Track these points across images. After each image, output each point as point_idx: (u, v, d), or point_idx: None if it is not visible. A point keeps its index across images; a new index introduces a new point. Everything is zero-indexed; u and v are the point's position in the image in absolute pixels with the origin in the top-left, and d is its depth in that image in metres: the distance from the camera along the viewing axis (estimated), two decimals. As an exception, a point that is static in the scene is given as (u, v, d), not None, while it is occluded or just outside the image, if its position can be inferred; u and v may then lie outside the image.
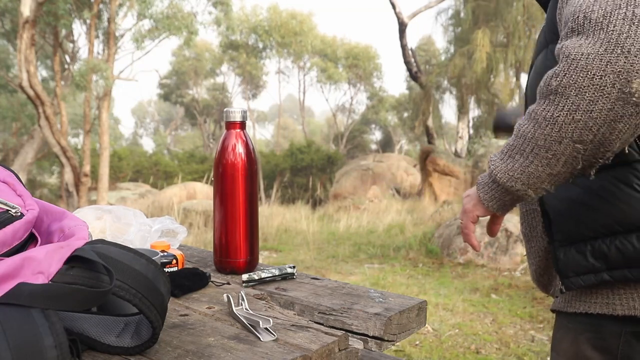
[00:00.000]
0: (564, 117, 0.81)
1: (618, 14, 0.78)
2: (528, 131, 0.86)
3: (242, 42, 25.08)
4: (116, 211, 1.19)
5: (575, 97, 0.79)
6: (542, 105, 0.84)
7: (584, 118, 0.79)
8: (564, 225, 0.99)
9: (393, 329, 0.88)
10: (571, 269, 0.98)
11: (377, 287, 4.21)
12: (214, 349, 0.70)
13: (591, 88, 0.78)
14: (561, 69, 0.81)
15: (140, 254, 0.69)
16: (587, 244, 0.96)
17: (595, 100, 0.78)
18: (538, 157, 0.85)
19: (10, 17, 15.82)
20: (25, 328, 0.55)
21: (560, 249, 1.00)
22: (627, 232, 0.91)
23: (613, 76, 0.76)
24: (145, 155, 24.18)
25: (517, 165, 0.88)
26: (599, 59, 0.77)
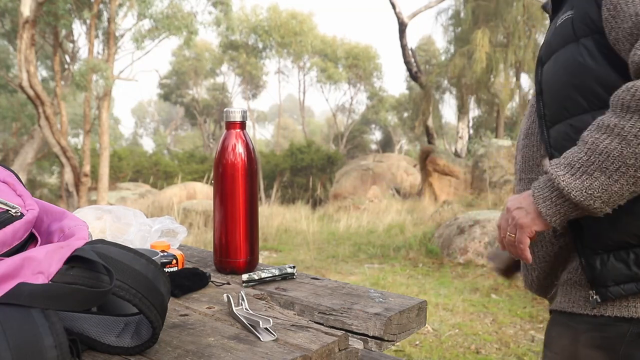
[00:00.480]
0: None
1: None
2: (613, 148, 0.82)
3: (242, 42, 25.08)
4: (116, 211, 1.19)
5: None
6: (631, 121, 0.80)
7: None
8: (602, 233, 0.93)
9: (393, 329, 0.88)
10: (611, 278, 0.92)
11: (377, 287, 4.21)
12: (214, 349, 0.70)
13: None
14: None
15: (140, 254, 0.69)
16: (629, 251, 0.90)
17: None
18: (625, 175, 0.82)
19: (10, 17, 15.82)
20: (25, 328, 0.55)
21: (595, 258, 0.94)
22: None
23: None
24: (145, 155, 24.18)
25: (598, 183, 0.84)
26: None
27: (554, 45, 1.02)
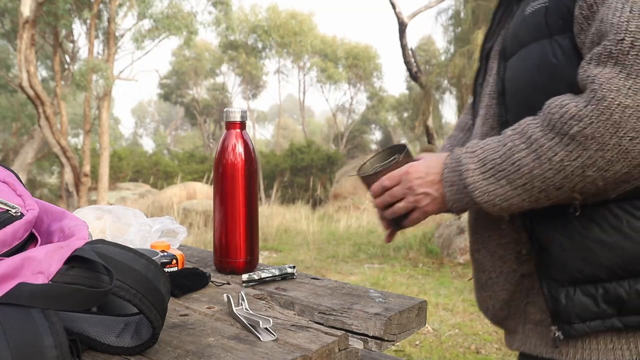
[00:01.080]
0: (574, 168, 0.72)
1: None
2: (525, 163, 0.76)
3: (242, 42, 25.09)
4: (116, 211, 1.19)
5: (594, 152, 0.70)
6: (551, 142, 0.73)
7: (596, 175, 0.71)
8: (569, 264, 0.82)
9: (393, 329, 0.88)
10: (576, 315, 0.82)
11: (377, 287, 4.21)
12: (214, 349, 0.70)
13: (616, 148, 0.68)
14: (588, 114, 0.70)
15: (140, 254, 0.69)
16: (598, 286, 0.80)
17: (614, 161, 0.69)
18: (528, 192, 0.77)
19: (10, 17, 15.82)
20: (25, 328, 0.55)
21: (560, 291, 0.84)
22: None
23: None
24: (145, 155, 24.18)
25: (502, 192, 0.79)
26: (636, 117, 0.67)
27: (522, 38, 0.88)
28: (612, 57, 0.69)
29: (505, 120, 0.89)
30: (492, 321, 1.02)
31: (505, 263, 0.93)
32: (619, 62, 0.68)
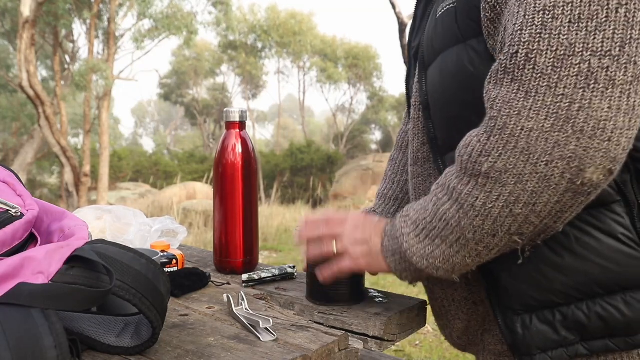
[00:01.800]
0: (500, 209, 0.64)
1: (572, 65, 0.59)
2: (452, 217, 0.69)
3: (241, 42, 25.10)
4: (116, 211, 1.19)
5: (513, 187, 0.63)
6: (468, 187, 0.66)
7: (525, 212, 0.63)
8: (521, 290, 0.75)
9: (393, 329, 0.88)
10: (535, 346, 0.74)
11: (377, 287, 4.19)
12: (214, 349, 0.70)
13: (534, 176, 0.61)
14: (494, 146, 0.63)
15: (140, 254, 0.69)
16: (555, 311, 0.73)
17: (539, 192, 0.62)
18: (466, 248, 0.69)
19: (10, 17, 15.82)
20: (25, 328, 0.55)
21: (516, 320, 0.76)
22: (609, 294, 0.71)
23: (562, 163, 0.60)
24: (145, 155, 24.19)
25: (439, 252, 0.71)
26: (544, 138, 0.60)
27: (437, 44, 0.79)
28: (508, 73, 0.62)
29: (434, 137, 0.82)
30: (454, 347, 0.97)
31: (456, 290, 0.86)
32: (516, 79, 0.62)
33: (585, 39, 0.59)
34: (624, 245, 0.69)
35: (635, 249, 0.69)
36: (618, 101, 0.59)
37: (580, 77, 0.59)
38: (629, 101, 0.59)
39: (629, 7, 0.58)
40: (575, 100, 0.59)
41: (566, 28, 0.59)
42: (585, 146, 0.59)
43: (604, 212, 0.70)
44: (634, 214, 0.69)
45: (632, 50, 0.59)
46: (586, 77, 0.58)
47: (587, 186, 0.61)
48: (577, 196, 0.62)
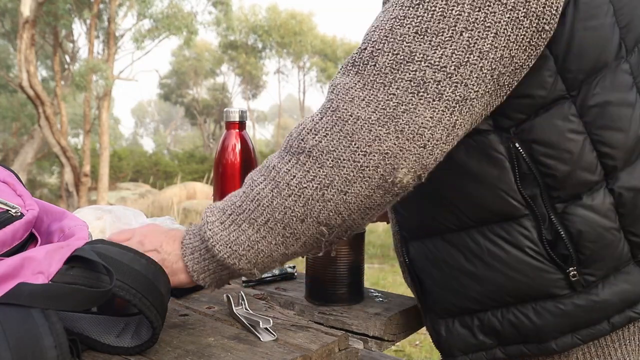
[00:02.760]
0: (313, 190, 0.64)
1: (409, 71, 0.62)
2: (264, 196, 0.67)
3: (241, 42, 25.10)
4: (116, 211, 1.19)
5: (330, 169, 0.63)
6: (287, 165, 0.66)
7: (336, 199, 0.64)
8: (442, 296, 0.80)
9: (393, 329, 0.88)
10: (457, 348, 0.80)
11: (377, 287, 4.20)
12: (214, 349, 0.70)
13: (351, 164, 0.62)
14: (323, 126, 0.64)
15: (140, 254, 0.69)
16: (473, 317, 0.78)
17: (352, 180, 0.63)
18: (273, 232, 0.67)
19: (10, 17, 15.82)
20: (25, 328, 0.55)
21: (440, 323, 0.81)
22: (520, 303, 0.75)
23: (378, 157, 0.62)
24: (145, 155, 24.18)
25: (244, 238, 0.68)
26: (368, 129, 0.62)
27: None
28: (355, 66, 0.65)
29: None
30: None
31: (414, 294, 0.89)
32: (359, 72, 0.65)
33: (425, 51, 0.62)
34: (531, 257, 0.72)
35: (541, 262, 0.72)
36: (441, 114, 0.62)
37: (413, 83, 0.62)
38: (451, 118, 0.63)
39: (472, 34, 0.62)
40: (403, 102, 0.62)
41: (411, 37, 0.63)
42: (402, 146, 0.62)
43: (513, 226, 0.73)
44: (541, 228, 0.72)
45: (466, 72, 0.62)
46: (418, 85, 0.62)
47: (397, 186, 0.64)
48: (386, 194, 0.64)
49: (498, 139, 0.71)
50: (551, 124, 0.70)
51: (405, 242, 0.85)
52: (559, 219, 0.72)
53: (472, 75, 0.62)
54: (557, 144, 0.70)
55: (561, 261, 0.72)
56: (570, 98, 0.70)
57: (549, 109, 0.70)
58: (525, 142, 0.71)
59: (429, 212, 0.79)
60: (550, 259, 0.72)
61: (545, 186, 0.71)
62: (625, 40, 0.71)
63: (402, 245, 0.86)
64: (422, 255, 0.82)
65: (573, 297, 0.73)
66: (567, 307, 0.73)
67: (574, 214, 0.71)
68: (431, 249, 0.80)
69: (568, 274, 0.72)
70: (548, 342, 0.74)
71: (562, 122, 0.69)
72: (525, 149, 0.71)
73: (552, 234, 0.72)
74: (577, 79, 0.69)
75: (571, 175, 0.70)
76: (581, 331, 0.73)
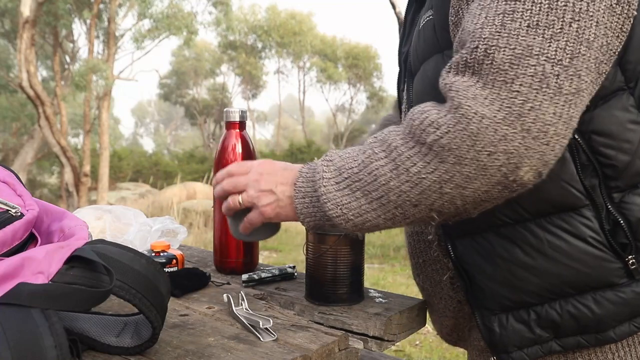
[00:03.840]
0: (431, 182, 0.65)
1: (529, 66, 0.61)
2: (382, 174, 0.68)
3: (241, 42, 25.10)
4: (116, 211, 1.19)
5: (451, 166, 0.63)
6: (410, 151, 0.66)
7: (454, 193, 0.64)
8: (496, 291, 0.79)
9: (393, 329, 0.88)
10: (512, 343, 0.78)
11: (377, 287, 4.21)
12: (214, 349, 0.70)
13: (474, 164, 0.62)
14: (446, 122, 0.63)
15: (141, 254, 0.69)
16: (529, 311, 0.77)
17: (473, 178, 0.63)
18: (384, 208, 0.69)
19: (10, 17, 15.82)
20: (25, 328, 0.55)
21: (493, 319, 0.80)
22: (580, 294, 0.74)
23: (503, 157, 0.62)
24: (145, 155, 24.19)
25: (356, 205, 0.70)
26: (493, 129, 0.61)
27: (420, 53, 0.83)
28: (469, 66, 0.64)
29: None
30: (446, 342, 1.00)
31: (443, 289, 0.89)
32: (475, 72, 0.64)
33: (541, 44, 0.61)
34: (593, 247, 0.72)
35: (603, 251, 0.73)
36: (561, 109, 0.62)
37: (535, 79, 0.61)
38: (569, 111, 0.62)
39: (580, 24, 0.62)
40: (529, 100, 0.61)
41: (524, 31, 0.62)
42: (527, 145, 0.61)
43: (574, 216, 0.73)
44: (601, 217, 0.72)
45: (579, 64, 0.62)
46: (540, 80, 0.61)
47: (517, 183, 0.64)
48: (504, 190, 0.65)
49: None
50: (611, 115, 0.70)
51: (451, 239, 0.83)
52: (616, 208, 0.72)
53: (584, 66, 0.62)
54: (617, 135, 0.71)
55: (621, 250, 0.72)
56: (628, 90, 0.71)
57: (608, 101, 0.71)
58: (585, 133, 0.71)
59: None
60: (611, 247, 0.72)
61: (604, 176, 0.72)
62: None
63: (446, 242, 0.84)
64: (473, 251, 0.80)
65: (632, 284, 0.73)
66: (627, 295, 0.73)
67: (633, 202, 0.72)
68: (483, 244, 0.79)
69: (627, 262, 0.72)
70: (607, 332, 0.74)
71: (621, 113, 0.71)
72: (584, 140, 0.71)
73: (610, 224, 0.72)
74: (636, 70, 0.70)
75: (631, 165, 0.71)
76: (638, 319, 0.74)
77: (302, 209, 0.76)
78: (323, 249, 0.91)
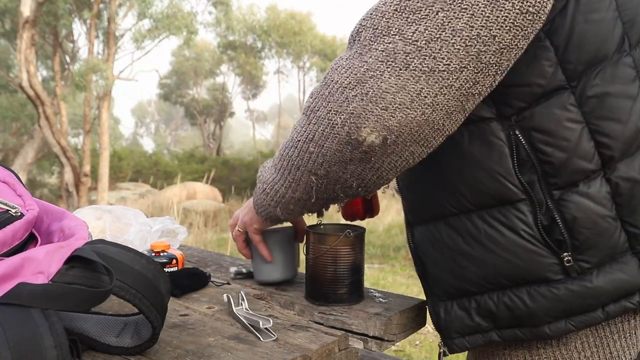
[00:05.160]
0: (302, 143, 0.74)
1: (383, 42, 0.68)
2: (284, 147, 0.79)
3: (241, 42, 25.09)
4: (116, 211, 1.19)
5: (313, 126, 0.72)
6: (298, 122, 0.76)
7: (316, 151, 0.72)
8: (442, 278, 0.83)
9: (393, 329, 0.88)
10: (454, 329, 0.82)
11: (377, 287, 4.21)
12: (214, 349, 0.70)
13: (325, 121, 0.70)
14: (316, 89, 0.74)
15: (141, 254, 0.69)
16: (470, 299, 0.81)
17: (326, 136, 0.71)
18: (284, 177, 0.79)
19: (10, 17, 15.82)
20: (25, 328, 0.55)
21: (440, 305, 0.84)
22: (516, 286, 0.77)
23: (345, 116, 0.69)
24: (145, 155, 24.18)
25: (271, 178, 0.81)
26: (340, 91, 0.69)
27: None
28: (349, 43, 0.74)
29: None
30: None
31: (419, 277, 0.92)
32: (349, 48, 0.73)
33: (401, 26, 0.68)
34: (525, 241, 0.75)
35: (536, 245, 0.75)
36: (405, 82, 0.67)
37: (384, 53, 0.68)
38: (416, 86, 0.67)
39: (448, 14, 0.66)
40: (372, 69, 0.68)
41: (390, 14, 0.69)
42: (365, 107, 0.67)
43: (510, 209, 0.76)
44: (536, 213, 0.74)
45: (436, 47, 0.66)
46: (388, 55, 0.67)
47: (363, 145, 0.69)
48: (354, 151, 0.70)
49: (500, 126, 0.75)
50: (550, 112, 0.72)
51: (411, 226, 0.88)
52: (555, 205, 0.74)
53: (443, 50, 0.66)
54: (555, 132, 0.72)
55: (556, 246, 0.74)
56: (570, 88, 0.72)
57: (549, 98, 0.72)
58: (525, 129, 0.73)
59: (434, 197, 0.82)
60: (545, 243, 0.74)
61: (543, 173, 0.74)
62: (628, 34, 0.73)
63: (408, 229, 0.89)
64: (425, 239, 0.85)
65: (567, 282, 0.74)
66: (560, 291, 0.74)
67: (570, 200, 0.73)
68: (434, 232, 0.83)
69: (562, 259, 0.74)
70: (542, 327, 0.76)
71: (560, 111, 0.72)
72: (524, 136, 0.73)
73: (548, 220, 0.74)
74: (577, 69, 0.72)
75: (568, 163, 0.73)
76: (575, 317, 0.75)
77: (256, 201, 0.87)
78: (323, 249, 0.91)
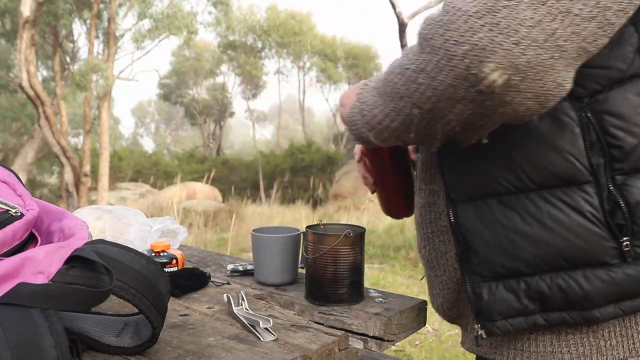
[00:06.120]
0: (411, 73, 0.69)
1: None
2: (390, 70, 0.74)
3: (241, 42, 25.09)
4: (116, 211, 1.19)
5: (427, 55, 0.66)
6: (410, 50, 0.71)
7: (426, 83, 0.67)
8: (490, 257, 0.80)
9: (393, 329, 0.88)
10: (498, 311, 0.79)
11: (377, 287, 4.20)
12: (214, 349, 0.70)
13: (442, 51, 0.64)
14: (433, 17, 0.67)
15: (141, 254, 0.69)
16: (520, 281, 0.78)
17: (441, 67, 0.65)
18: (385, 103, 0.75)
19: (10, 17, 15.82)
20: (25, 328, 0.55)
21: (483, 286, 0.80)
22: (571, 268, 0.76)
23: (467, 47, 0.62)
24: (145, 155, 24.18)
25: (372, 101, 0.78)
26: (464, 19, 0.62)
27: None
28: None
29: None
30: (445, 319, 0.99)
31: (448, 261, 0.89)
32: None
33: None
34: (591, 222, 0.74)
35: (600, 227, 0.74)
36: (541, 17, 0.62)
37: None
38: (551, 24, 0.62)
39: None
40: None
41: None
42: (493, 38, 0.61)
43: (575, 191, 0.75)
44: (602, 195, 0.74)
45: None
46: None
47: (482, 83, 0.63)
48: (470, 88, 0.64)
49: (570, 106, 0.74)
50: (625, 97, 0.73)
51: (453, 204, 0.84)
52: (617, 189, 0.74)
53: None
54: (627, 117, 0.73)
55: (617, 230, 0.74)
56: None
57: (623, 84, 0.73)
58: (598, 112, 0.74)
59: (489, 174, 0.79)
60: (607, 226, 0.74)
61: (610, 157, 0.74)
62: None
63: (449, 207, 0.85)
64: (473, 217, 0.81)
65: (623, 266, 0.74)
66: (617, 275, 0.74)
67: (634, 185, 0.74)
68: (485, 210, 0.80)
69: (621, 243, 0.74)
70: (592, 310, 0.75)
71: (635, 97, 0.73)
72: (596, 119, 0.74)
73: (610, 204, 0.74)
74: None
75: (637, 148, 0.74)
76: (625, 302, 0.75)
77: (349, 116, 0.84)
78: (323, 249, 0.91)
